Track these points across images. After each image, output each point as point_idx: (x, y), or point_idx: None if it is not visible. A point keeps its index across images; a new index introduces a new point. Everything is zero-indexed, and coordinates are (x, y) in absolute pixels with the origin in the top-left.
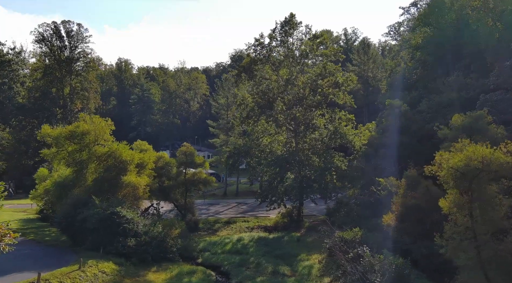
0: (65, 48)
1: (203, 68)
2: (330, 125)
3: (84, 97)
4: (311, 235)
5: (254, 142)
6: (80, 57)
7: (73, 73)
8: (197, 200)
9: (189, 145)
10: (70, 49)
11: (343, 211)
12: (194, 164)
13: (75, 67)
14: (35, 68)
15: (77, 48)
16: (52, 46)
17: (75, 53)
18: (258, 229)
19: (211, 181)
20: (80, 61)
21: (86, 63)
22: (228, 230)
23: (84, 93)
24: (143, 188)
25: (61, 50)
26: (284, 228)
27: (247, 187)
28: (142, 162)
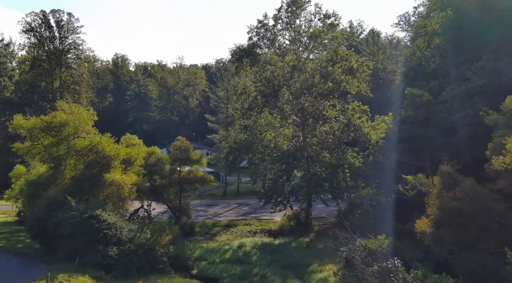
0: (54, 39)
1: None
2: (342, 117)
3: (75, 91)
4: (322, 240)
5: (256, 136)
6: (71, 48)
7: (63, 66)
8: (194, 201)
9: (184, 140)
10: (60, 40)
11: (356, 213)
12: (190, 160)
13: (65, 59)
14: (23, 60)
15: (68, 39)
16: (41, 37)
17: (65, 45)
18: (262, 233)
19: (209, 179)
20: (71, 53)
21: (77, 55)
22: (228, 234)
23: (75, 87)
24: (129, 188)
25: (51, 41)
26: (291, 233)
27: (249, 186)
28: (129, 157)
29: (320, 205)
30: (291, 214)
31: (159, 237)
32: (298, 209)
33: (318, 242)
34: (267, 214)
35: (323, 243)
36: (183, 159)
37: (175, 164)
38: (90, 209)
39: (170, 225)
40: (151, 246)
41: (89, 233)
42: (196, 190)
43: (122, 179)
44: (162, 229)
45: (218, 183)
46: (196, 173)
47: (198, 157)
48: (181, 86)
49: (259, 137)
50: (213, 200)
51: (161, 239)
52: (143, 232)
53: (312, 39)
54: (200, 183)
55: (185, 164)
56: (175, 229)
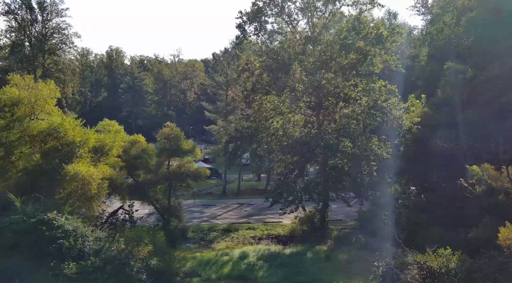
0: (36, 22)
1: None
2: (366, 98)
3: (60, 80)
4: (343, 249)
5: (261, 123)
6: (54, 32)
7: (46, 52)
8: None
9: (174, 126)
10: (43, 24)
11: (384, 216)
12: (180, 151)
13: (49, 45)
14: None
15: (51, 23)
16: (22, 20)
17: (49, 29)
18: (268, 239)
19: (204, 174)
20: (55, 39)
21: (62, 40)
22: (228, 241)
23: (60, 75)
24: (99, 183)
25: (32, 25)
26: (304, 239)
27: (252, 184)
28: (101, 146)
29: (334, 205)
30: (303, 216)
31: (135, 247)
32: (313, 210)
33: (339, 252)
34: (273, 216)
35: (345, 253)
36: (173, 150)
37: (162, 155)
38: (41, 212)
39: (154, 231)
40: (125, 260)
41: (38, 244)
42: (188, 187)
43: (88, 172)
44: (140, 236)
45: (216, 181)
46: (188, 166)
47: (191, 147)
48: (178, 79)
49: (264, 124)
50: (210, 199)
51: (139, 250)
52: (115, 242)
53: (329, 2)
54: (194, 179)
55: (175, 155)
56: (160, 235)
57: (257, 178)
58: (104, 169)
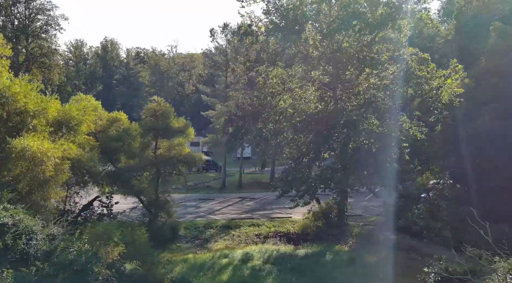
0: (18, 2)
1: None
2: (394, 67)
3: (44, 65)
4: (370, 249)
5: (267, 100)
6: (39, 13)
7: (29, 35)
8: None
9: (162, 101)
10: (26, 4)
11: (416, 209)
12: (170, 131)
13: (32, 27)
14: None
15: (35, 3)
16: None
17: (32, 9)
18: (276, 238)
19: (199, 159)
20: (40, 21)
21: (47, 22)
22: (227, 239)
23: (44, 60)
24: (56, 163)
25: (14, 5)
26: (319, 237)
27: (254, 177)
28: (66, 119)
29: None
30: (318, 210)
31: (102, 248)
32: (330, 203)
33: (365, 253)
34: (280, 210)
35: (373, 254)
36: (161, 129)
37: (148, 136)
38: None
39: (133, 227)
40: (87, 266)
41: None
42: (180, 175)
43: (41, 148)
44: (108, 234)
45: (215, 174)
46: (179, 150)
47: (182, 126)
48: (176, 71)
49: (270, 102)
50: (208, 193)
51: (107, 251)
52: (75, 241)
53: None
54: (186, 165)
55: (164, 136)
56: (141, 233)
57: (260, 170)
58: (66, 146)
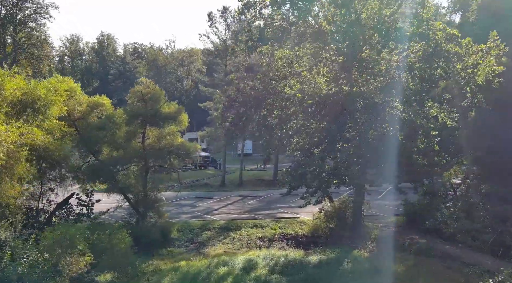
0: None
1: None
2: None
3: (33, 56)
4: (396, 256)
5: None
6: (26, 1)
7: (17, 24)
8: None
9: (151, 83)
10: None
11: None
12: (160, 117)
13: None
14: None
15: None
16: None
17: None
18: (283, 241)
19: (194, 150)
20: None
21: (35, 10)
22: (227, 243)
23: (33, 50)
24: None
25: None
26: (332, 240)
27: (256, 174)
28: (31, 99)
29: None
30: (331, 209)
31: (64, 257)
32: (344, 201)
33: (390, 259)
34: (286, 210)
35: (400, 262)
36: (149, 116)
37: (135, 123)
38: None
39: (111, 230)
40: (42, 282)
41: None
42: (171, 169)
43: None
44: (72, 238)
45: (214, 171)
46: (171, 139)
47: (174, 111)
48: (174, 66)
49: (275, 86)
50: (206, 191)
51: (71, 262)
52: (29, 249)
53: None
54: (179, 157)
55: (153, 123)
56: (122, 237)
57: (262, 167)
58: (24, 130)
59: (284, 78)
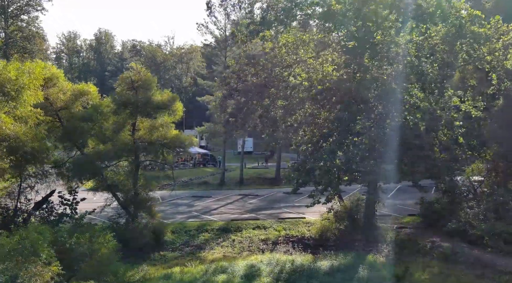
0: None
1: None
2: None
3: (25, 50)
4: (417, 261)
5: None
6: None
7: (8, 17)
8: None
9: (142, 69)
10: None
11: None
12: (151, 106)
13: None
14: None
15: None
16: None
17: None
18: (288, 244)
19: (189, 142)
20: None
21: (27, 2)
22: (226, 246)
23: (25, 44)
24: None
25: None
26: (343, 243)
27: (258, 172)
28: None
29: None
30: (341, 209)
31: (25, 269)
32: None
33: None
34: (290, 209)
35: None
36: (140, 105)
37: (124, 113)
38: None
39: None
40: None
41: None
42: (165, 164)
43: None
44: (34, 244)
45: (213, 169)
46: (164, 131)
47: (167, 99)
48: (172, 62)
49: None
50: (204, 190)
51: (34, 273)
52: None
53: None
54: (173, 150)
55: (144, 113)
56: (104, 240)
57: (264, 165)
58: None
59: (288, 66)
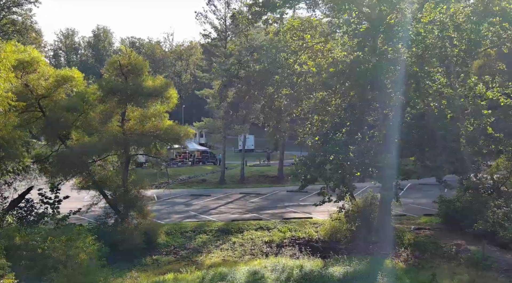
0: None
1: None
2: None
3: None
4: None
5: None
6: None
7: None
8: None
9: (132, 52)
10: None
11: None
12: (142, 94)
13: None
14: None
15: None
16: None
17: None
18: (295, 247)
19: (186, 134)
20: None
21: None
22: (226, 249)
23: (18, 37)
24: None
25: None
26: (355, 245)
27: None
28: None
29: None
30: (353, 208)
31: None
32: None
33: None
34: (295, 209)
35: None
36: (130, 92)
37: (112, 101)
38: None
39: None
40: None
41: None
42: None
43: None
44: None
45: (212, 167)
46: (156, 121)
47: (159, 86)
48: (172, 59)
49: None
50: (203, 188)
51: None
52: None
53: None
54: (167, 143)
55: (134, 102)
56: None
57: (266, 162)
58: None
59: (294, 52)
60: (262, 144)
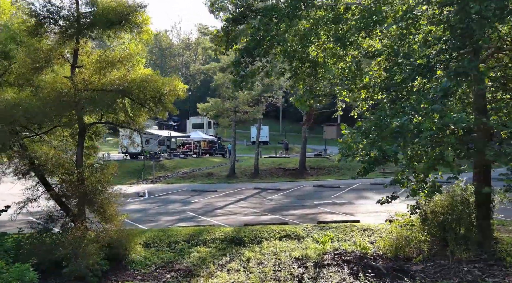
0: None
1: None
2: None
3: None
4: None
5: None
6: None
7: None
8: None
9: None
10: None
11: None
12: (99, 17)
13: None
14: None
15: None
16: None
17: None
18: (342, 266)
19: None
20: None
21: None
22: (236, 270)
23: None
24: None
25: None
26: (435, 265)
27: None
28: None
29: None
30: (434, 208)
31: None
32: (457, 195)
33: None
34: (330, 207)
35: None
36: (80, 17)
37: (52, 35)
38: None
39: None
40: None
41: None
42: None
43: None
44: None
45: (221, 159)
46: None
47: (125, 5)
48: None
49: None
50: (209, 183)
51: None
52: None
53: None
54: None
55: (89, 34)
56: None
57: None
58: None
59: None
60: (277, 137)
